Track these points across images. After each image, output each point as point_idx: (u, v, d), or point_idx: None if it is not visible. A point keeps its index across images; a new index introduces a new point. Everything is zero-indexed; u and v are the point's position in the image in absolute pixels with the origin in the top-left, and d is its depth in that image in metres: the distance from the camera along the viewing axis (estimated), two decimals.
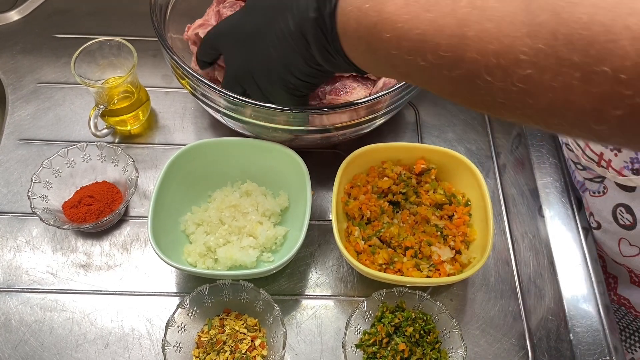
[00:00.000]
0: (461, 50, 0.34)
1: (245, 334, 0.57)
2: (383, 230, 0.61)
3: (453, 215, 0.63)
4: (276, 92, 0.54)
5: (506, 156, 0.74)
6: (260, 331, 0.58)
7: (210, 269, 0.60)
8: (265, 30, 0.51)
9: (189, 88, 0.61)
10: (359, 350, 0.57)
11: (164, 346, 0.53)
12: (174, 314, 0.55)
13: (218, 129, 0.74)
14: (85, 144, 0.66)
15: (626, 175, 0.58)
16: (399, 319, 0.57)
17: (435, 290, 0.63)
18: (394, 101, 0.59)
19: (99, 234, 0.65)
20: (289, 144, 0.64)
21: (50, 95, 0.76)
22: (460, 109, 0.77)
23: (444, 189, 0.65)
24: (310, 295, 0.62)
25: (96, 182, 0.67)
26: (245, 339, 0.56)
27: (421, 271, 0.58)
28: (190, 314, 0.57)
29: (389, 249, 0.61)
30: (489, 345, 0.60)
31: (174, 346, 0.55)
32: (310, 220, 0.59)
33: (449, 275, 0.58)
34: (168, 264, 0.55)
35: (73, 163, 0.66)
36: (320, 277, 0.64)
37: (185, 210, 0.65)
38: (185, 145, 0.63)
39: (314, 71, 0.51)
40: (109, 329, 0.59)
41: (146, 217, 0.58)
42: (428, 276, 0.58)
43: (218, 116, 0.64)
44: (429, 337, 0.56)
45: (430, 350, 0.56)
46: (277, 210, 0.64)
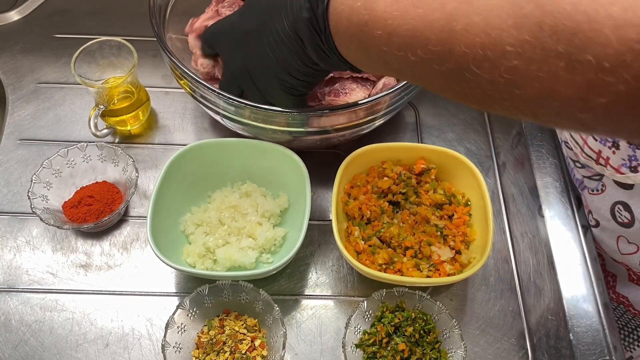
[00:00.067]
0: (450, 44, 0.34)
1: (245, 334, 0.57)
2: (383, 230, 0.61)
3: (453, 215, 0.63)
4: (274, 92, 0.55)
5: (506, 156, 0.74)
6: (260, 331, 0.58)
7: (209, 269, 0.60)
8: (261, 31, 0.52)
9: (188, 89, 0.61)
10: (359, 350, 0.57)
11: (163, 347, 0.53)
12: (173, 314, 0.55)
13: (218, 129, 0.74)
14: (85, 144, 0.67)
15: (624, 173, 0.58)
16: (399, 319, 0.57)
17: (435, 290, 0.63)
18: (393, 102, 0.59)
19: (99, 234, 0.65)
20: (289, 144, 0.64)
21: (50, 95, 0.76)
22: (459, 109, 0.77)
23: (443, 189, 0.65)
24: (310, 295, 0.62)
25: (96, 182, 0.67)
26: (245, 340, 0.56)
27: (421, 271, 0.58)
28: (190, 315, 0.57)
29: (389, 249, 0.61)
30: (489, 345, 0.60)
31: (174, 347, 0.55)
32: (310, 220, 0.59)
33: (448, 275, 0.58)
34: (167, 264, 0.55)
35: (73, 163, 0.66)
36: (320, 277, 0.64)
37: (185, 211, 0.65)
38: (185, 145, 0.63)
39: (311, 70, 0.51)
40: (109, 329, 0.59)
41: (146, 217, 0.58)
42: (428, 276, 0.58)
43: (217, 117, 0.64)
44: (429, 337, 0.56)
45: (430, 350, 0.56)
46: (277, 211, 0.64)
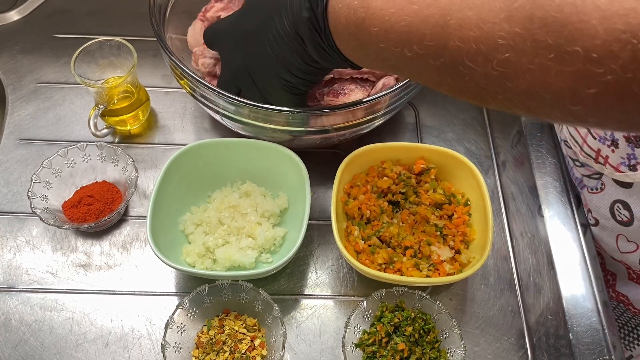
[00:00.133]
0: (444, 39, 0.35)
1: (244, 334, 0.57)
2: (382, 230, 0.61)
3: (452, 215, 0.63)
4: (274, 91, 0.55)
5: (505, 156, 0.74)
6: (259, 331, 0.58)
7: (209, 269, 0.60)
8: (261, 30, 0.52)
9: (188, 89, 0.61)
10: (359, 349, 0.57)
11: (163, 347, 0.53)
12: (173, 314, 0.55)
13: (218, 129, 0.75)
14: (85, 144, 0.67)
15: (623, 172, 0.58)
16: (399, 319, 0.57)
17: (435, 290, 0.63)
18: (393, 101, 0.59)
19: (98, 233, 0.65)
20: (289, 144, 0.64)
21: (50, 95, 0.76)
22: (459, 109, 0.78)
23: (443, 188, 0.65)
24: (309, 295, 0.62)
25: (96, 182, 0.67)
26: (244, 339, 0.56)
27: (421, 271, 0.59)
28: (189, 315, 0.57)
29: (389, 249, 0.61)
30: (489, 345, 0.60)
31: (174, 347, 0.55)
32: (310, 219, 0.59)
33: (448, 275, 0.58)
34: (166, 264, 0.55)
35: (73, 163, 0.66)
36: (319, 277, 0.64)
37: (185, 211, 0.65)
38: (185, 145, 0.63)
39: (311, 68, 0.52)
40: (109, 328, 0.59)
41: (146, 217, 0.58)
42: (427, 276, 0.58)
43: (217, 117, 0.64)
44: (429, 337, 0.56)
45: (430, 350, 0.56)
46: (277, 211, 0.64)
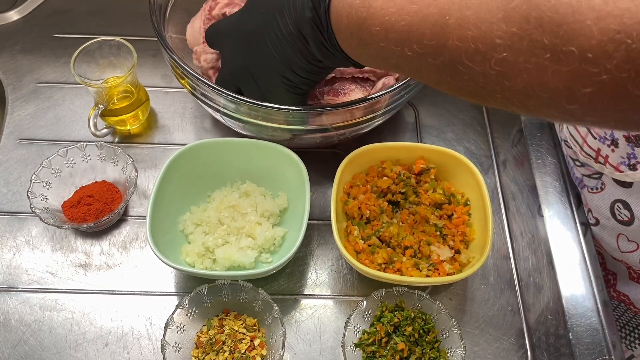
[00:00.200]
0: (444, 38, 0.35)
1: (244, 333, 0.57)
2: (382, 229, 0.61)
3: (452, 214, 0.63)
4: (276, 91, 0.55)
5: (505, 155, 0.74)
6: (259, 331, 0.58)
7: (209, 269, 0.60)
8: (263, 30, 0.52)
9: (189, 87, 0.61)
10: (358, 349, 0.57)
11: (163, 347, 0.53)
12: (173, 314, 0.55)
13: (218, 129, 0.75)
14: (85, 144, 0.67)
15: (623, 171, 0.58)
16: (398, 319, 0.57)
17: (435, 290, 0.63)
18: (393, 101, 0.59)
19: (98, 233, 0.65)
20: (288, 143, 0.64)
21: (50, 95, 0.76)
22: (459, 109, 0.78)
23: (443, 188, 0.65)
24: (309, 294, 0.62)
25: (96, 182, 0.67)
26: (244, 339, 0.56)
27: (420, 271, 0.58)
28: (189, 314, 0.57)
29: (388, 249, 0.61)
30: (488, 345, 0.60)
31: (173, 346, 0.55)
32: (310, 219, 0.59)
33: (448, 274, 0.58)
34: (166, 263, 0.55)
35: (73, 163, 0.66)
36: (319, 277, 0.64)
37: (184, 210, 0.65)
38: (184, 145, 0.63)
39: (314, 67, 0.52)
40: (109, 328, 0.59)
41: (145, 217, 0.58)
42: (427, 276, 0.58)
43: (218, 116, 0.64)
44: (428, 337, 0.56)
45: (430, 350, 0.56)
46: (276, 211, 0.64)
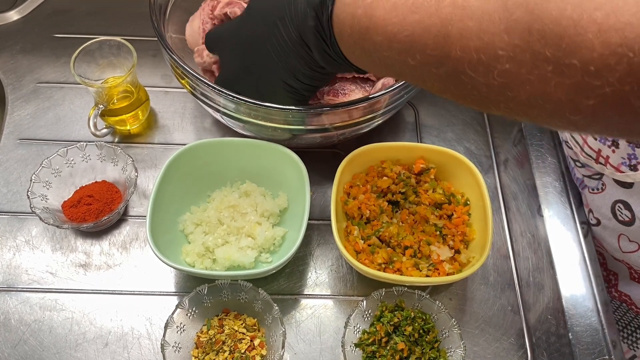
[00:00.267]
0: (446, 49, 0.35)
1: (244, 333, 0.57)
2: (382, 229, 0.61)
3: (452, 214, 0.63)
4: (277, 97, 0.55)
5: (505, 155, 0.74)
6: (259, 331, 0.58)
7: (209, 269, 0.60)
8: (265, 37, 0.52)
9: (189, 87, 0.61)
10: (358, 349, 0.57)
11: (163, 346, 0.53)
12: (172, 314, 0.55)
13: (218, 128, 0.75)
14: (85, 144, 0.67)
15: (624, 172, 0.58)
16: (398, 318, 0.57)
17: (435, 290, 0.63)
18: (392, 101, 0.59)
19: (98, 233, 0.65)
20: (288, 143, 0.64)
21: (49, 95, 0.76)
22: (459, 109, 0.78)
23: (443, 188, 0.65)
24: (309, 294, 0.62)
25: (96, 182, 0.67)
26: (244, 339, 0.56)
27: (420, 270, 0.58)
28: (189, 314, 0.57)
29: (388, 249, 0.61)
30: (488, 345, 0.60)
31: (173, 346, 0.55)
32: (310, 219, 0.59)
33: (448, 274, 0.58)
34: (166, 263, 0.55)
35: (72, 162, 0.66)
36: (319, 277, 0.64)
37: (184, 210, 0.65)
38: (184, 145, 0.63)
39: (317, 74, 0.52)
40: (109, 328, 0.59)
41: (145, 217, 0.58)
42: (427, 275, 0.58)
43: (218, 115, 0.64)
44: (428, 337, 0.56)
45: (430, 350, 0.56)
46: (276, 211, 0.64)
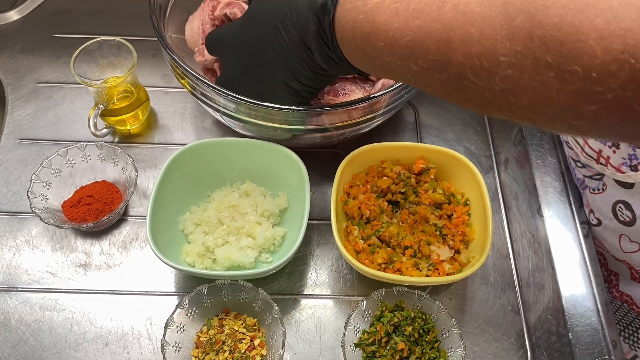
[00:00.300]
0: (448, 54, 0.35)
1: (244, 333, 0.57)
2: (382, 229, 0.61)
3: (452, 214, 0.63)
4: (279, 99, 0.55)
5: (505, 155, 0.74)
6: (259, 331, 0.58)
7: (209, 269, 0.60)
8: (266, 39, 0.52)
9: (189, 87, 0.61)
10: (358, 349, 0.57)
11: (163, 346, 0.53)
12: (173, 314, 0.55)
13: (218, 128, 0.75)
14: (85, 144, 0.67)
15: (624, 172, 0.58)
16: (398, 318, 0.57)
17: (435, 290, 0.63)
18: (392, 101, 0.59)
19: (98, 233, 0.65)
20: (288, 143, 0.64)
21: (49, 95, 0.76)
22: (459, 109, 0.78)
23: (443, 188, 0.65)
24: (309, 294, 0.62)
25: (96, 182, 0.67)
26: (244, 339, 0.56)
27: (420, 270, 0.58)
28: (189, 314, 0.57)
29: (388, 249, 0.61)
30: (488, 345, 0.60)
31: (173, 346, 0.55)
32: (310, 219, 0.59)
33: (448, 274, 0.58)
34: (166, 263, 0.55)
35: (73, 162, 0.66)
36: (319, 277, 0.64)
37: (184, 210, 0.65)
38: (184, 145, 0.63)
39: (319, 76, 0.52)
40: (109, 328, 0.59)
41: (145, 217, 0.58)
42: (427, 275, 0.58)
43: (218, 115, 0.64)
44: (428, 337, 0.56)
45: (430, 350, 0.56)
46: (276, 211, 0.64)
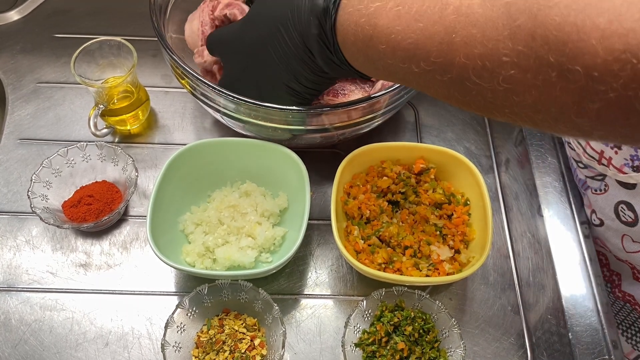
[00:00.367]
0: (450, 56, 0.35)
1: (244, 333, 0.57)
2: (382, 229, 0.61)
3: (452, 214, 0.63)
4: (280, 100, 0.55)
5: (505, 155, 0.74)
6: (259, 331, 0.58)
7: (209, 269, 0.60)
8: (268, 41, 0.52)
9: (189, 88, 0.61)
10: (358, 349, 0.57)
11: (163, 346, 0.53)
12: (173, 314, 0.55)
13: (218, 128, 0.75)
14: (85, 144, 0.67)
15: (626, 173, 0.58)
16: (398, 318, 0.57)
17: (435, 290, 0.63)
18: (392, 101, 0.59)
19: (98, 233, 0.65)
20: (288, 143, 0.64)
21: (50, 95, 0.76)
22: (459, 109, 0.77)
23: (443, 188, 0.65)
24: (309, 294, 0.62)
25: (96, 182, 0.67)
26: (244, 339, 0.56)
27: (420, 270, 0.59)
28: (189, 314, 0.57)
29: (388, 249, 0.61)
30: (488, 344, 0.60)
31: (174, 346, 0.55)
32: (310, 219, 0.59)
33: (448, 274, 0.58)
34: (166, 263, 0.55)
35: (73, 162, 0.66)
36: (319, 277, 0.64)
37: (185, 210, 0.65)
38: (184, 145, 0.63)
39: (320, 78, 0.52)
40: (109, 328, 0.59)
41: (146, 217, 0.58)
42: (427, 275, 0.58)
43: (218, 116, 0.64)
44: (428, 336, 0.56)
45: (430, 350, 0.56)
46: (276, 211, 0.64)
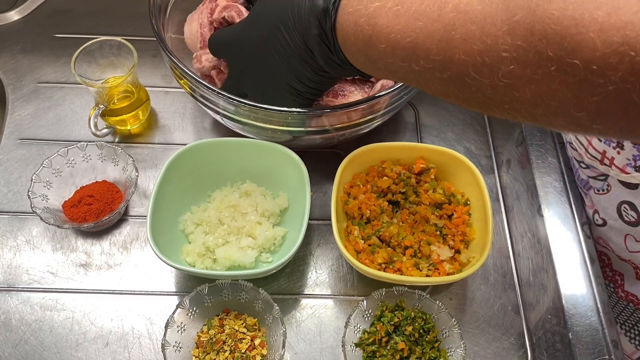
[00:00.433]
0: (450, 53, 0.36)
1: (244, 333, 0.57)
2: (382, 229, 0.61)
3: (452, 214, 0.63)
4: (282, 100, 0.55)
5: (505, 155, 0.74)
6: (259, 330, 0.58)
7: (209, 269, 0.60)
8: (269, 41, 0.52)
9: (188, 89, 0.61)
10: (359, 349, 0.57)
11: (163, 346, 0.54)
12: (173, 313, 0.55)
13: (218, 128, 0.75)
14: (85, 144, 0.67)
15: (629, 173, 0.58)
16: (399, 318, 0.57)
17: (435, 290, 0.63)
18: (392, 102, 0.59)
19: (99, 233, 0.65)
20: (288, 144, 0.64)
21: (50, 95, 0.76)
22: (459, 109, 0.78)
23: (443, 188, 0.65)
24: (309, 294, 0.62)
25: (96, 182, 0.67)
26: (244, 339, 0.56)
27: (420, 270, 0.59)
28: (189, 314, 0.57)
29: (389, 249, 0.61)
30: (488, 344, 0.60)
31: (174, 346, 0.55)
32: (310, 219, 0.60)
33: (448, 274, 0.58)
34: (166, 263, 0.55)
35: (73, 162, 0.66)
36: (319, 277, 0.64)
37: (185, 210, 0.65)
38: (185, 145, 0.63)
39: (321, 78, 0.52)
40: (109, 328, 0.59)
41: (146, 217, 0.58)
42: (427, 275, 0.58)
43: (217, 117, 0.64)
44: (429, 336, 0.56)
45: (430, 349, 0.56)
46: (277, 210, 0.64)
